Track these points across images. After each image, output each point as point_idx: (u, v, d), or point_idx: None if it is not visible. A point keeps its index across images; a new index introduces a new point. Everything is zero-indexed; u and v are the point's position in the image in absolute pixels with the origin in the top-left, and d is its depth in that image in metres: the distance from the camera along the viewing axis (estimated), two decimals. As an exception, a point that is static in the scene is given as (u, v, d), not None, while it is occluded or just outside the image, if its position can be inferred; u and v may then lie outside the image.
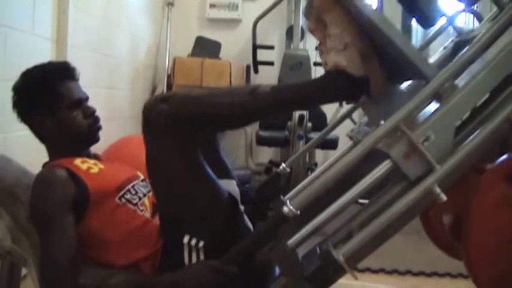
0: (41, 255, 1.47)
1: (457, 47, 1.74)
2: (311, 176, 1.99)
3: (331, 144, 3.83)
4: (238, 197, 1.70)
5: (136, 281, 1.47)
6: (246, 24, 4.93)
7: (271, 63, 4.69)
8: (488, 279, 1.57)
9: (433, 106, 1.32)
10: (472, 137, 1.30)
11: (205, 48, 4.70)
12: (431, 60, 1.82)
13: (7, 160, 1.76)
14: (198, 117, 1.41)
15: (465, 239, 1.56)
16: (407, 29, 4.11)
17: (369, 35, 1.40)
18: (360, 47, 1.39)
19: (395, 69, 1.45)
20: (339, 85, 1.43)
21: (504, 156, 1.54)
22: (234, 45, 5.02)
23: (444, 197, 1.26)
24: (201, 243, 1.47)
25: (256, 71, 4.65)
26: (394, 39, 1.30)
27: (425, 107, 1.36)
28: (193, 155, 1.46)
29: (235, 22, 5.16)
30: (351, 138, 1.89)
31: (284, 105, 1.52)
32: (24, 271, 1.95)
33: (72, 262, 1.42)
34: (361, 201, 1.57)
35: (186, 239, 1.47)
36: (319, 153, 4.60)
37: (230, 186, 1.69)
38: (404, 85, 1.68)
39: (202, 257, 1.48)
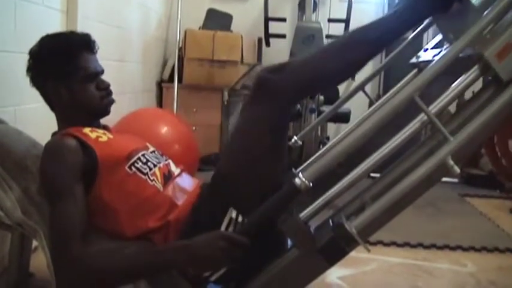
0: (50, 223, 1.47)
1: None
2: (323, 149, 1.97)
3: (343, 118, 3.81)
4: None
5: (149, 249, 1.48)
6: (258, -4, 4.89)
7: (283, 36, 4.65)
8: None
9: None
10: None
11: (217, 20, 4.67)
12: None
13: (17, 132, 1.76)
14: (310, 82, 1.55)
15: None
16: None
17: None
18: None
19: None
20: None
21: None
22: (245, 18, 4.99)
23: (458, 170, 1.25)
24: (240, 218, 1.50)
25: (268, 43, 4.61)
26: None
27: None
28: (283, 135, 1.58)
29: (247, -6, 5.12)
30: (414, 66, 1.88)
31: (392, 34, 1.58)
32: (34, 243, 1.97)
33: (81, 230, 1.42)
34: (372, 175, 1.57)
35: (234, 214, 1.50)
36: (331, 127, 4.58)
37: None
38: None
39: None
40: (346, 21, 4.38)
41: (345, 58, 1.55)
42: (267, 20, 4.53)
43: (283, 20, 4.72)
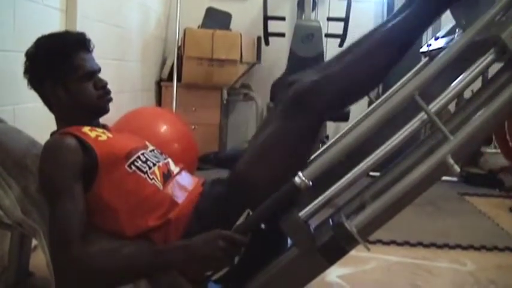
0: (50, 223, 1.47)
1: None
2: (322, 148, 1.97)
3: (343, 117, 3.80)
4: None
5: (148, 249, 1.47)
6: (257, -6, 4.88)
7: (282, 35, 4.64)
8: None
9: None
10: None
11: (216, 19, 4.66)
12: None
13: (17, 131, 1.76)
14: (346, 94, 1.59)
15: None
16: None
17: None
18: None
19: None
20: None
21: None
22: (244, 17, 4.98)
23: (457, 168, 1.25)
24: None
25: (267, 42, 4.61)
26: None
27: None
28: (313, 145, 1.61)
29: (246, -7, 5.11)
30: (425, 54, 1.88)
31: (417, 30, 1.61)
32: (34, 242, 1.97)
33: (81, 230, 1.41)
34: (372, 173, 1.57)
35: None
36: (330, 126, 4.57)
37: None
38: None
39: None
40: (346, 20, 4.37)
41: (378, 64, 1.58)
42: (266, 18, 4.52)
43: (283, 18, 4.72)
